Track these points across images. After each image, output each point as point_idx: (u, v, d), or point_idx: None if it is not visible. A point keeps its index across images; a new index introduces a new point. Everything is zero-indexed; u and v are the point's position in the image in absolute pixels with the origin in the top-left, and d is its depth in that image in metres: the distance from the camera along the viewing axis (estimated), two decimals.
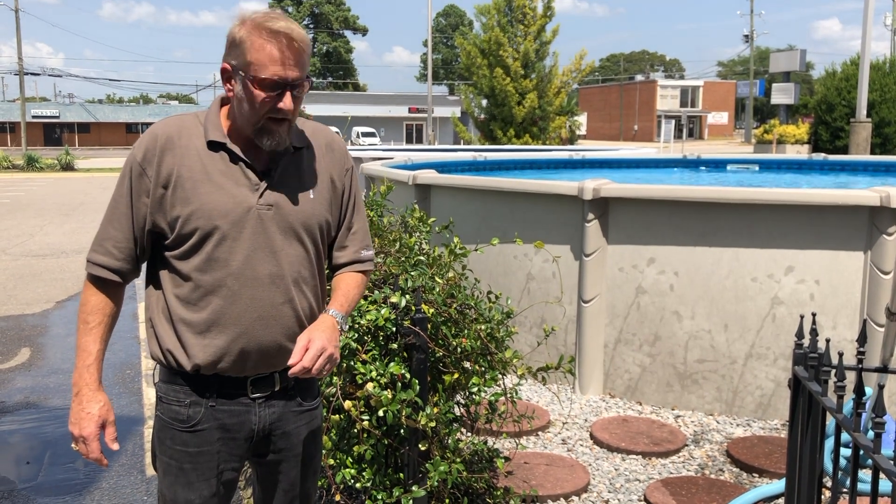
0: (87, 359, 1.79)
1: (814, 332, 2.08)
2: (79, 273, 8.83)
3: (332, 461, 2.73)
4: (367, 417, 2.63)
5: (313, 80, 1.91)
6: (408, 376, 2.59)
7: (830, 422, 3.27)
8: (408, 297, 2.67)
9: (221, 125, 1.81)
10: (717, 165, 10.42)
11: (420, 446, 2.64)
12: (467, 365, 2.94)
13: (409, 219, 3.54)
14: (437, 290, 2.88)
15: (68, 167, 30.81)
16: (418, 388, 2.57)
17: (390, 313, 2.65)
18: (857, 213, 4.00)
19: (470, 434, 3.15)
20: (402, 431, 2.68)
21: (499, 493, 3.09)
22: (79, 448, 1.81)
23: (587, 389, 4.63)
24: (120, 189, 1.80)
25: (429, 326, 2.71)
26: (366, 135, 51.92)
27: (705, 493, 3.32)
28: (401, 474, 2.74)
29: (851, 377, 3.35)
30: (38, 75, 56.84)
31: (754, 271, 4.19)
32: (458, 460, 2.75)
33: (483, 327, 2.91)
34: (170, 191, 1.75)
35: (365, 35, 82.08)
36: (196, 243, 1.76)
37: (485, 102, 24.18)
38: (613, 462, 3.72)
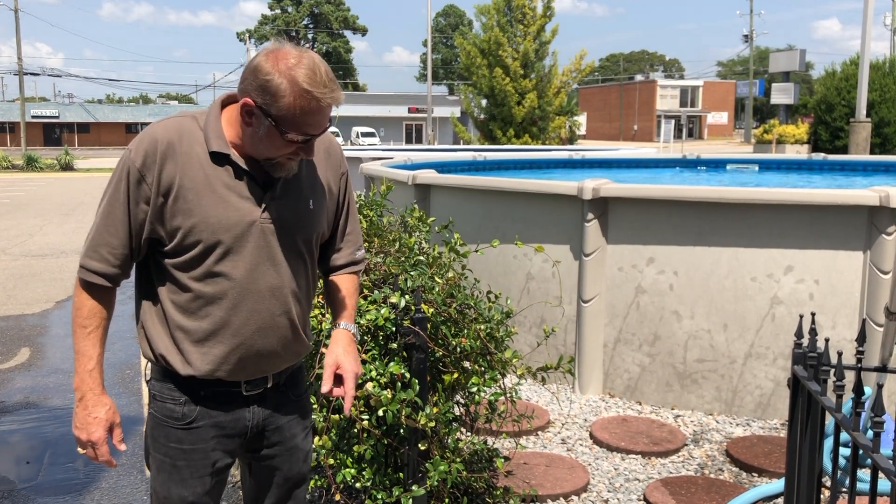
0: (88, 363, 1.77)
1: (813, 332, 2.08)
2: None
3: (331, 461, 2.73)
4: (367, 417, 2.63)
5: None
6: (407, 376, 2.59)
7: (830, 421, 3.27)
8: (407, 296, 2.67)
9: (223, 133, 1.76)
10: (717, 165, 10.42)
11: (420, 446, 2.64)
12: (467, 365, 2.94)
13: (409, 219, 3.55)
14: (437, 289, 2.88)
15: (68, 167, 30.82)
16: (418, 387, 2.57)
17: (390, 313, 2.65)
18: (856, 212, 4.00)
19: (469, 434, 3.15)
20: (401, 431, 2.68)
21: (498, 492, 3.09)
22: (86, 453, 1.80)
23: (587, 389, 4.64)
24: (116, 194, 1.74)
25: (428, 326, 2.71)
26: (365, 135, 51.94)
27: (705, 492, 3.32)
28: (400, 474, 2.75)
29: (851, 376, 3.35)
30: (37, 75, 56.85)
31: (754, 271, 4.19)
32: (458, 460, 2.75)
33: (483, 327, 2.92)
34: (170, 200, 1.72)
35: (364, 35, 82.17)
36: (198, 256, 1.74)
37: (484, 102, 24.19)
38: (613, 462, 3.73)
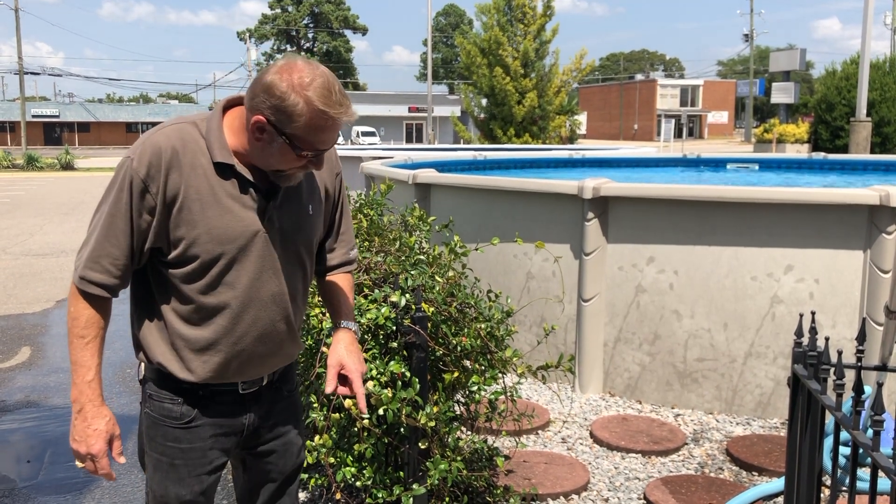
0: (87, 374, 1.74)
1: (813, 331, 2.08)
2: None
3: (332, 460, 2.74)
4: (368, 416, 2.63)
5: None
6: (408, 375, 2.59)
7: (830, 420, 3.28)
8: (408, 295, 2.67)
9: (227, 143, 1.74)
10: (717, 164, 10.42)
11: (420, 445, 2.64)
12: (467, 363, 2.94)
13: (409, 218, 3.55)
14: (437, 288, 2.89)
15: (68, 166, 30.84)
16: (418, 386, 2.58)
17: (390, 312, 2.65)
18: (856, 211, 4.00)
19: (470, 432, 3.15)
20: (402, 430, 2.68)
21: (499, 491, 3.09)
22: (86, 466, 1.77)
23: (587, 388, 4.64)
24: (117, 203, 1.70)
25: (429, 325, 2.71)
26: (366, 134, 51.93)
27: (705, 491, 3.32)
28: (401, 473, 2.75)
29: (851, 375, 3.35)
30: (38, 74, 56.88)
31: (754, 270, 4.19)
32: (458, 459, 2.75)
33: (483, 326, 2.92)
34: (175, 210, 1.70)
35: (365, 34, 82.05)
36: (201, 267, 1.73)
37: (484, 102, 24.17)
38: (613, 460, 3.73)
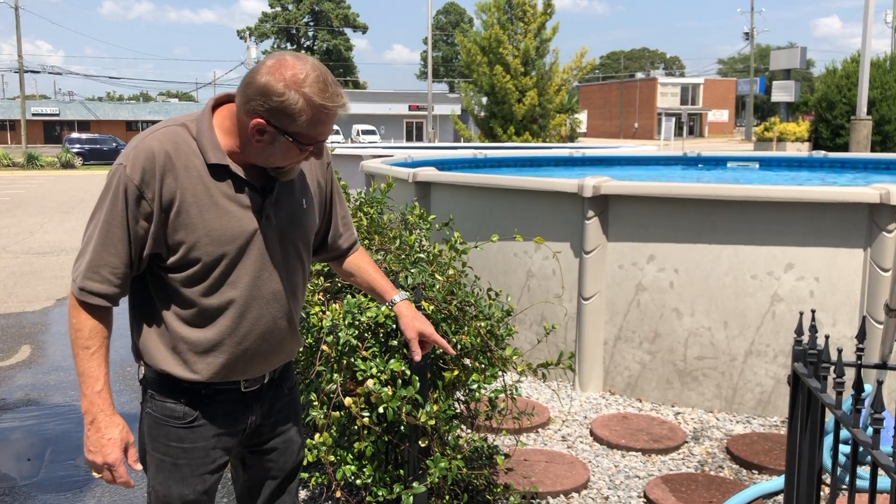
0: (96, 385, 1.73)
1: (813, 329, 2.08)
2: None
3: (332, 458, 2.74)
4: (368, 414, 2.63)
5: None
6: (408, 373, 2.59)
7: (830, 418, 3.28)
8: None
9: (219, 143, 1.72)
10: (718, 163, 10.42)
11: (420, 443, 2.64)
12: (467, 362, 2.94)
13: (409, 216, 3.55)
14: (438, 287, 2.89)
15: (68, 165, 30.84)
16: (418, 384, 2.58)
17: (390, 310, 2.65)
18: (856, 210, 4.00)
19: (470, 431, 3.15)
20: (402, 428, 2.68)
21: (499, 489, 3.10)
22: (103, 476, 1.76)
23: (587, 386, 4.64)
24: (112, 211, 1.68)
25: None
26: (366, 132, 51.90)
27: (705, 489, 3.32)
28: (401, 471, 2.75)
29: (851, 373, 3.35)
30: (38, 73, 56.86)
31: (754, 268, 4.19)
32: (458, 457, 2.75)
33: (483, 324, 2.92)
34: (172, 215, 1.69)
35: (365, 33, 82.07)
36: (203, 269, 1.73)
37: (485, 100, 24.15)
38: (613, 459, 3.73)
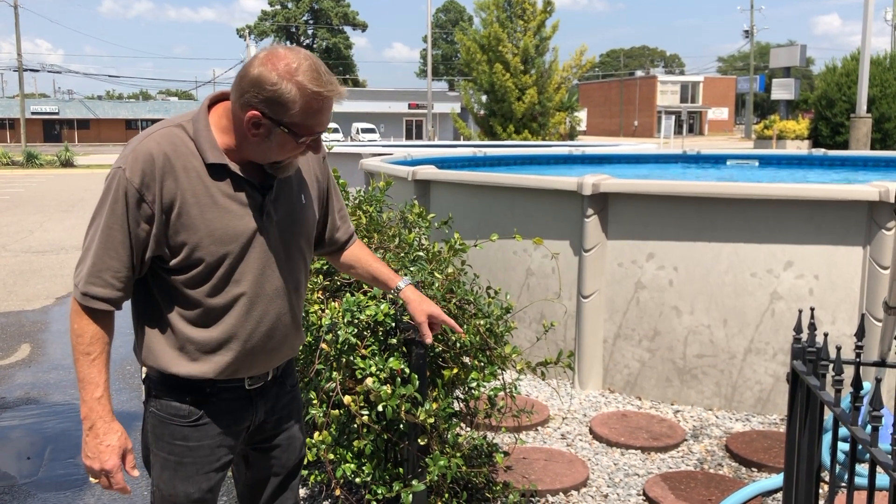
0: (96, 391, 1.73)
1: (812, 327, 2.08)
2: None
3: (332, 456, 2.74)
4: (367, 412, 2.63)
5: None
6: (407, 371, 2.59)
7: (829, 416, 3.28)
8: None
9: (216, 142, 1.72)
10: (717, 161, 10.41)
11: (419, 441, 2.64)
12: (466, 360, 2.94)
13: (409, 214, 3.54)
14: (437, 285, 2.89)
15: (68, 163, 30.84)
16: (417, 383, 2.58)
17: (389, 309, 2.65)
18: (856, 207, 4.00)
19: (469, 429, 3.15)
20: (401, 426, 2.68)
21: (498, 487, 3.10)
22: (100, 481, 1.77)
23: (586, 384, 4.64)
24: (113, 215, 1.68)
25: None
26: (365, 131, 51.87)
27: (704, 487, 3.33)
28: (400, 469, 2.75)
29: (850, 371, 3.35)
30: (37, 71, 56.79)
31: (753, 266, 4.19)
32: (458, 455, 2.75)
33: (482, 322, 2.92)
34: (173, 216, 1.69)
35: (364, 31, 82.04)
36: (207, 270, 1.73)
37: (484, 98, 24.15)
38: (613, 457, 3.73)
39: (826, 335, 2.03)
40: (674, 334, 4.39)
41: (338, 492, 2.77)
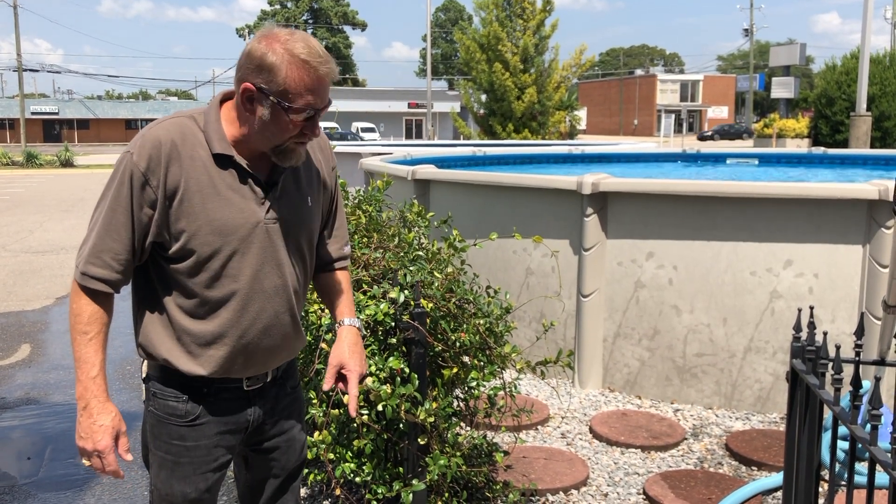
0: (91, 370, 1.73)
1: (812, 326, 2.08)
2: None
3: (331, 455, 2.74)
4: (367, 412, 2.64)
5: None
6: (407, 371, 2.59)
7: (828, 415, 3.28)
8: (406, 292, 2.67)
9: (224, 134, 1.74)
10: (717, 160, 10.41)
11: (419, 440, 2.65)
12: (466, 359, 2.94)
13: (408, 214, 3.54)
14: (436, 284, 2.89)
15: (68, 163, 30.83)
16: (417, 382, 2.58)
17: (389, 308, 2.65)
18: (855, 206, 4.00)
19: (469, 428, 3.15)
20: (401, 426, 2.69)
21: (498, 486, 3.10)
22: (92, 463, 1.75)
23: (586, 383, 4.64)
24: (118, 198, 1.70)
25: (428, 321, 2.71)
26: (365, 130, 51.87)
27: (704, 486, 3.33)
28: (400, 468, 2.75)
29: (849, 370, 3.36)
30: (36, 71, 56.80)
31: (753, 265, 4.19)
32: (458, 454, 2.75)
33: (482, 322, 2.92)
34: (175, 203, 1.70)
35: (364, 30, 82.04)
36: (203, 260, 1.73)
37: (484, 97, 24.15)
38: (612, 456, 3.73)
39: (825, 334, 2.03)
40: (673, 333, 4.39)
41: (338, 491, 2.77)
